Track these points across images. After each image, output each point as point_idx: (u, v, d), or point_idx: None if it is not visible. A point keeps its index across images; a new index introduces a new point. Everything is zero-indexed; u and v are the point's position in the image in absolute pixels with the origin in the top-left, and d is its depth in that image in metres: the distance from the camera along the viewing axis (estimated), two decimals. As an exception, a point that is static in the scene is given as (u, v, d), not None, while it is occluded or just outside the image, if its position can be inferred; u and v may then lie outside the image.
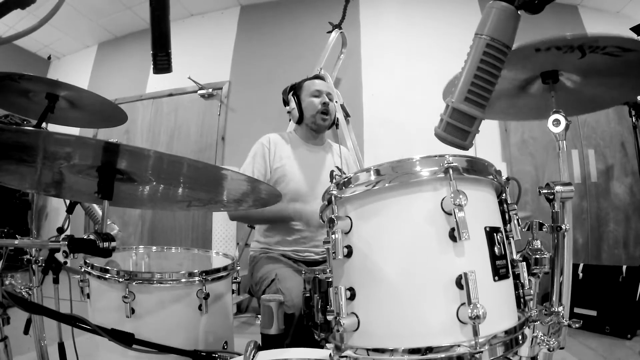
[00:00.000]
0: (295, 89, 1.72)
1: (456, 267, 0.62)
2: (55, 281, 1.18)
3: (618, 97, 1.04)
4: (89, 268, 1.08)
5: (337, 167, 1.31)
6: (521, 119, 1.33)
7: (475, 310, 0.57)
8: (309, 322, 0.84)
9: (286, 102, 1.73)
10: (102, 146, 0.68)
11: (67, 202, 1.24)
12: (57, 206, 4.43)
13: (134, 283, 1.01)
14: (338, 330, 0.65)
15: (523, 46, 0.83)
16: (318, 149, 1.72)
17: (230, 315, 1.26)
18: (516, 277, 0.72)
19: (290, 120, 1.75)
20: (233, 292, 1.25)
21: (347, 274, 0.70)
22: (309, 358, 0.78)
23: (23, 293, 1.10)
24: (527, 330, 0.70)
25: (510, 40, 0.62)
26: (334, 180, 0.73)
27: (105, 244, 0.75)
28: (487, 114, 0.62)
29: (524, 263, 0.73)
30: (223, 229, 3.16)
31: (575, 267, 2.73)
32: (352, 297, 0.68)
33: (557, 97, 0.95)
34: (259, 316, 0.94)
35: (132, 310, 1.00)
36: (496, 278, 0.65)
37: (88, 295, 1.11)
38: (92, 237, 0.75)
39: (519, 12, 0.61)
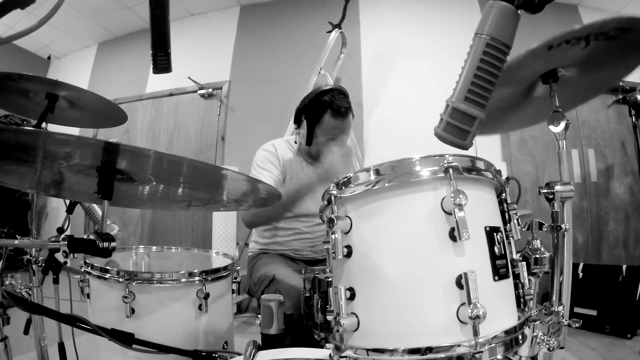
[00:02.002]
0: (310, 115, 1.47)
1: (456, 266, 0.62)
2: (55, 281, 1.18)
3: (615, 76, 1.02)
4: (89, 268, 1.08)
5: None
6: (526, 125, 1.32)
7: (475, 310, 0.57)
8: (308, 322, 0.84)
9: (298, 119, 1.55)
10: (102, 146, 0.68)
11: (67, 202, 1.24)
12: (57, 206, 4.43)
13: (134, 283, 1.01)
14: (338, 331, 0.65)
15: (535, 48, 0.81)
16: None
17: (230, 315, 1.26)
18: (516, 276, 0.72)
19: (293, 122, 1.68)
20: (233, 292, 1.25)
21: (347, 274, 0.70)
22: (309, 358, 0.78)
23: (23, 293, 1.10)
24: (527, 330, 0.70)
25: (510, 39, 0.62)
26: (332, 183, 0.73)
27: (105, 244, 0.75)
28: (497, 130, 0.62)
29: (524, 263, 0.73)
30: (223, 229, 3.17)
31: (575, 266, 2.73)
32: (352, 297, 0.68)
33: (558, 92, 0.94)
34: (259, 316, 0.94)
35: (132, 310, 1.00)
36: (496, 278, 0.65)
37: (88, 295, 1.11)
38: (92, 237, 0.74)
39: (519, 12, 0.61)
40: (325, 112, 1.44)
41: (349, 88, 1.61)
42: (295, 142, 1.62)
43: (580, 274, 2.70)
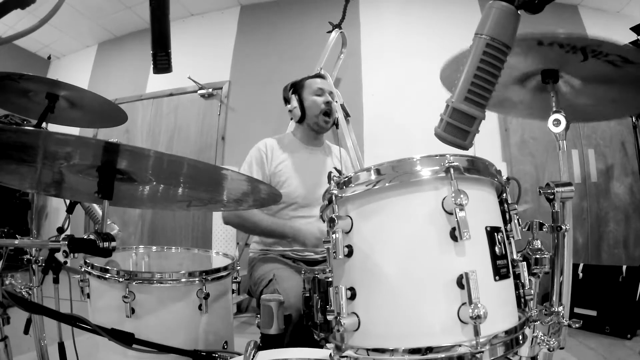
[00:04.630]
0: (296, 87, 1.70)
1: (457, 266, 0.61)
2: (55, 281, 1.18)
3: (612, 113, 1.03)
4: (89, 268, 1.08)
5: (335, 169, 1.30)
6: (515, 115, 1.32)
7: (476, 310, 0.57)
8: (308, 322, 0.84)
9: (287, 101, 1.71)
10: (102, 146, 0.68)
11: (67, 202, 1.24)
12: (57, 206, 4.42)
13: (134, 283, 1.01)
14: (338, 330, 0.65)
15: (525, 36, 0.81)
16: (317, 151, 1.71)
17: (230, 315, 1.26)
18: (517, 277, 0.72)
19: (291, 119, 1.73)
20: (233, 292, 1.24)
21: (348, 274, 0.70)
22: (309, 358, 0.77)
23: (23, 293, 1.10)
24: (527, 330, 0.70)
25: (511, 40, 0.62)
26: (332, 182, 0.73)
27: (105, 244, 0.75)
28: (494, 108, 0.62)
29: (525, 263, 0.73)
30: (223, 229, 3.16)
31: (575, 267, 2.73)
32: (352, 296, 0.67)
33: (551, 101, 0.94)
34: (259, 316, 0.94)
35: (132, 310, 1.00)
36: (497, 278, 0.65)
37: (88, 295, 1.11)
38: (92, 237, 0.74)
39: (519, 12, 0.61)
40: (306, 79, 1.72)
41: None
42: (292, 119, 1.74)
43: (580, 275, 2.70)
